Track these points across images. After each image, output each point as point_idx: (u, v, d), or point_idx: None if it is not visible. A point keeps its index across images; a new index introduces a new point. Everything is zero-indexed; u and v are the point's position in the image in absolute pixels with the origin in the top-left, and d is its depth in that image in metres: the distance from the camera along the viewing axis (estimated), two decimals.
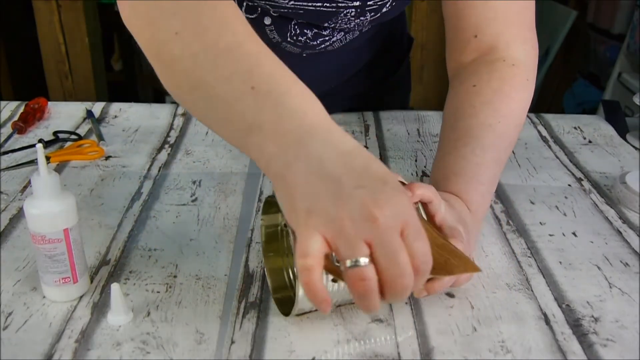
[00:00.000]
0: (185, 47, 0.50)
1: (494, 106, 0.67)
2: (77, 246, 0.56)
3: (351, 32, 0.85)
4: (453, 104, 0.71)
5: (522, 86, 0.70)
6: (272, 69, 0.48)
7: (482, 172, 0.64)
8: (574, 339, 0.54)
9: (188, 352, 0.51)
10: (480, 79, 0.69)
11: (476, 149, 0.64)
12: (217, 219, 0.71)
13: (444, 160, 0.67)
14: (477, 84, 0.69)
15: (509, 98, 0.68)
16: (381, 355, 0.51)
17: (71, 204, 0.54)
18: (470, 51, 0.72)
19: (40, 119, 0.98)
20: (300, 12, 0.78)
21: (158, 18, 0.51)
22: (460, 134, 0.67)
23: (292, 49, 0.85)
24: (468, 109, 0.68)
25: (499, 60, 0.70)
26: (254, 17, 0.81)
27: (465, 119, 0.67)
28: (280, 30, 0.83)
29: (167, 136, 0.93)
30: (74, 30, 2.24)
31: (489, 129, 0.66)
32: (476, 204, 0.63)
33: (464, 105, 0.69)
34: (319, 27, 0.82)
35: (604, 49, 2.41)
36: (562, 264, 0.64)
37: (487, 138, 0.65)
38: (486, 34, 0.70)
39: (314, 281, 0.41)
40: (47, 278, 0.56)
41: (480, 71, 0.70)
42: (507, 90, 0.68)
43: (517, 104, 0.69)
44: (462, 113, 0.68)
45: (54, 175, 0.53)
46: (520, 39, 0.71)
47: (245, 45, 0.49)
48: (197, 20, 0.50)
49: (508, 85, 0.69)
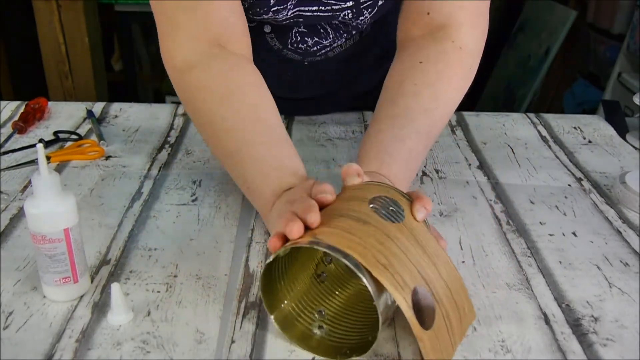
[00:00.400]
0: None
1: (435, 90, 0.70)
2: (78, 246, 0.56)
3: (352, 38, 0.85)
4: (397, 76, 0.73)
5: (464, 74, 0.72)
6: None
7: (413, 158, 0.67)
8: (573, 339, 0.54)
9: (188, 352, 0.51)
10: (428, 57, 0.72)
11: (412, 133, 0.67)
12: (217, 219, 0.71)
13: (378, 136, 0.68)
14: (423, 61, 0.71)
15: (449, 85, 0.71)
16: (381, 355, 0.51)
17: (71, 203, 0.54)
18: (421, 26, 0.74)
19: (40, 119, 0.98)
20: (300, 20, 0.78)
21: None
22: (398, 111, 0.69)
23: (293, 55, 0.85)
24: (410, 87, 0.70)
25: (448, 41, 0.72)
26: (253, 25, 0.81)
27: (407, 97, 0.70)
28: (281, 38, 0.83)
29: (167, 136, 0.93)
30: (74, 30, 2.25)
31: (426, 114, 0.69)
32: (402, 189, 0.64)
33: (406, 82, 0.71)
34: (320, 35, 0.82)
35: (604, 49, 2.41)
36: (562, 264, 0.64)
37: (423, 123, 0.68)
38: (439, 13, 0.72)
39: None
40: (48, 278, 0.56)
41: (428, 48, 0.72)
42: (449, 76, 0.71)
43: (456, 92, 0.72)
44: (404, 90, 0.70)
45: (54, 175, 0.53)
46: (471, 24, 0.73)
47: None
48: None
49: (452, 71, 0.71)
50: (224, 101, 0.67)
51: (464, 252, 0.66)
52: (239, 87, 0.68)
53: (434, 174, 0.83)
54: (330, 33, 0.82)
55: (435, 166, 0.85)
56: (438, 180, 0.82)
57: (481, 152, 0.90)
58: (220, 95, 0.67)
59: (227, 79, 0.68)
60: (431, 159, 0.87)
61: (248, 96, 0.68)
